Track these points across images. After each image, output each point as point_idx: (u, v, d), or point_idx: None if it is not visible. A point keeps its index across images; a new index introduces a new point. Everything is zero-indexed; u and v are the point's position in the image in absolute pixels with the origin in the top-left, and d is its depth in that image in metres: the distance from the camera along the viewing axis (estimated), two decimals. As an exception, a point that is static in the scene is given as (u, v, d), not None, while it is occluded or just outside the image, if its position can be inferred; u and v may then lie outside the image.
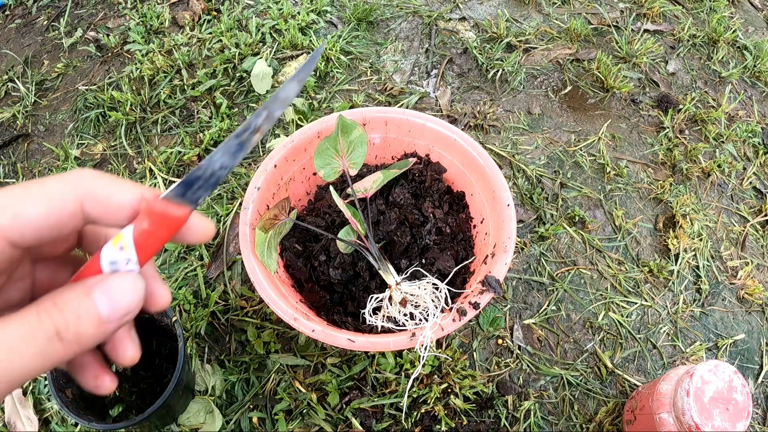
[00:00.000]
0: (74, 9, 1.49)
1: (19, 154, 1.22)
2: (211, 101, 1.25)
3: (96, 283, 0.24)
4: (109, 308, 0.24)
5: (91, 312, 0.24)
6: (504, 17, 1.44)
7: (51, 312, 0.23)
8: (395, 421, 0.87)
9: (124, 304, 0.24)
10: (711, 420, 0.68)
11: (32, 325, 0.23)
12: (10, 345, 0.22)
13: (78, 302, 0.24)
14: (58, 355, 0.23)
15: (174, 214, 0.27)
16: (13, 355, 0.22)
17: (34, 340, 0.22)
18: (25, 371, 0.22)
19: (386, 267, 0.78)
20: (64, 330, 0.23)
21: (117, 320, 0.24)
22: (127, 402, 0.86)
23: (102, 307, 0.24)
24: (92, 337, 0.24)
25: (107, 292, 0.24)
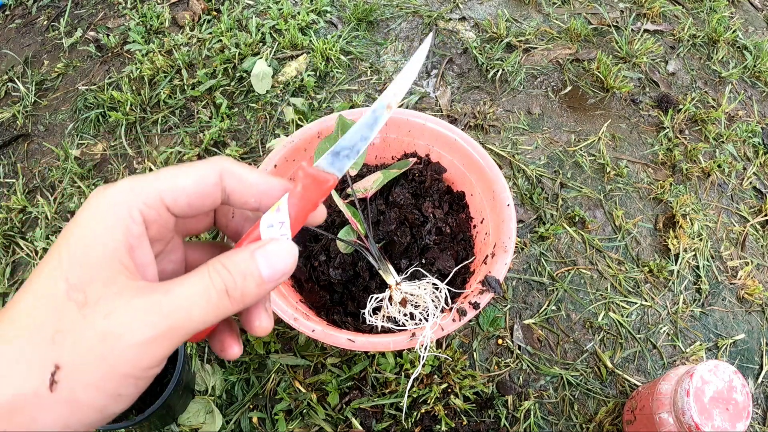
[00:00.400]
0: (74, 9, 1.49)
1: (19, 154, 1.22)
2: (211, 101, 1.26)
3: (258, 247, 0.28)
4: (268, 270, 0.28)
5: (254, 273, 0.27)
6: (504, 17, 1.44)
7: (221, 272, 0.27)
8: (395, 421, 0.87)
9: (280, 267, 0.28)
10: (711, 420, 0.68)
11: (206, 283, 0.26)
12: (189, 298, 0.26)
13: (244, 264, 0.27)
14: (226, 309, 0.27)
15: (324, 178, 0.31)
16: (192, 307, 0.26)
17: (208, 295, 0.26)
18: (200, 321, 0.26)
19: (386, 267, 0.78)
20: (232, 288, 0.27)
21: (274, 281, 0.28)
22: (127, 402, 0.86)
23: (263, 268, 0.28)
24: (254, 295, 0.28)
25: (267, 256, 0.28)
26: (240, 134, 1.21)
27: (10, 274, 1.04)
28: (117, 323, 0.24)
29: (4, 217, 1.10)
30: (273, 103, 1.25)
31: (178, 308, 0.25)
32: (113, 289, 0.25)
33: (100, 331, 0.24)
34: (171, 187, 0.28)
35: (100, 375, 0.24)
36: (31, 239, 1.06)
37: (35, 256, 1.04)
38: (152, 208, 0.27)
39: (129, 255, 0.26)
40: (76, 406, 0.23)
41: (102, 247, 0.25)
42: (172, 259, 0.32)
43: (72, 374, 0.23)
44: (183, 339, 0.26)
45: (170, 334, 0.25)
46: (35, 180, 1.17)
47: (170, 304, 0.25)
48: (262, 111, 1.24)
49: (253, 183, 0.31)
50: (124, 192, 0.27)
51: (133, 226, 0.26)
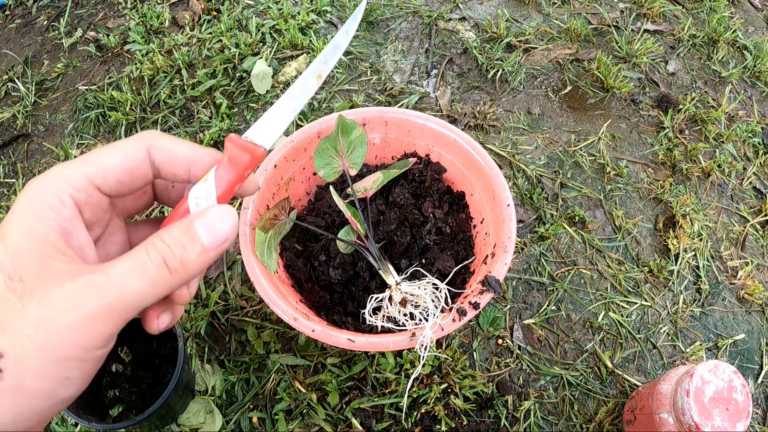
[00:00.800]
0: (74, 9, 1.49)
1: (19, 154, 1.22)
2: (211, 101, 1.26)
3: (196, 216, 0.28)
4: (209, 237, 0.27)
5: (194, 241, 0.27)
6: (504, 17, 1.44)
7: (157, 245, 0.27)
8: (395, 421, 0.87)
9: (222, 232, 0.28)
10: (711, 420, 0.68)
11: (142, 258, 0.26)
12: (123, 275, 0.25)
13: (181, 234, 0.27)
14: (167, 282, 0.26)
15: (251, 149, 0.31)
16: (127, 283, 0.25)
17: (144, 269, 0.26)
18: (139, 298, 0.26)
19: (386, 267, 0.78)
20: (170, 259, 0.26)
21: (216, 248, 0.28)
22: (127, 402, 0.86)
23: (203, 236, 0.27)
24: (196, 263, 0.27)
25: (206, 223, 0.28)
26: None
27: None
28: (49, 308, 0.24)
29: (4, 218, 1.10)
30: (273, 103, 1.25)
31: (113, 286, 0.25)
32: (47, 275, 0.25)
33: (34, 318, 0.24)
34: (98, 167, 0.28)
35: (42, 360, 0.24)
36: (31, 239, 1.06)
37: (35, 256, 1.04)
38: (81, 190, 0.28)
39: (63, 240, 0.26)
40: (23, 393, 0.23)
41: (34, 235, 0.25)
42: (114, 241, 0.33)
43: (16, 362, 0.23)
44: (125, 316, 0.25)
45: (106, 312, 0.24)
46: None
47: (104, 283, 0.25)
48: (262, 111, 1.24)
49: (180, 154, 0.30)
50: (52, 179, 0.27)
51: (64, 210, 0.27)
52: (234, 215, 0.28)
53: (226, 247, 0.28)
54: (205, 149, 0.31)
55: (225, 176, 0.30)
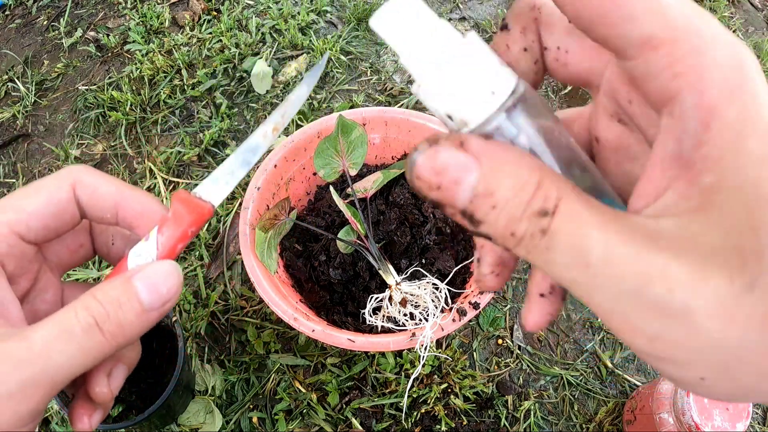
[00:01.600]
0: (74, 9, 1.49)
1: (19, 154, 1.22)
2: (211, 101, 1.26)
3: (135, 272, 0.24)
4: (150, 295, 0.24)
5: (132, 300, 0.23)
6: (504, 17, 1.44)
7: (89, 305, 0.23)
8: (395, 421, 0.87)
9: (165, 290, 0.24)
10: (711, 420, 0.68)
11: (70, 321, 0.22)
12: (47, 342, 0.22)
13: (118, 291, 0.23)
14: (101, 348, 0.23)
15: (199, 205, 0.28)
16: (51, 353, 0.21)
17: (71, 336, 0.22)
18: (65, 369, 0.22)
19: (386, 267, 0.78)
20: (103, 320, 0.23)
21: (159, 308, 0.24)
22: (127, 402, 0.86)
23: (143, 294, 0.24)
24: (135, 326, 0.24)
25: (147, 279, 0.24)
26: (240, 134, 1.21)
27: (10, 274, 1.04)
28: None
29: (4, 217, 1.10)
30: (273, 103, 1.25)
31: (35, 356, 0.21)
32: None
33: None
34: (19, 213, 0.25)
35: None
36: (31, 239, 1.06)
37: (35, 256, 1.04)
38: (1, 241, 0.25)
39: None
40: None
41: None
42: (45, 299, 0.29)
43: None
44: (50, 392, 0.21)
45: (27, 389, 0.21)
46: (35, 180, 1.17)
47: (23, 353, 0.21)
48: (262, 111, 1.24)
49: (107, 194, 0.27)
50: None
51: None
52: (178, 272, 0.25)
53: (169, 308, 0.25)
54: (133, 190, 0.28)
55: (168, 233, 0.27)
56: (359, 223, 0.79)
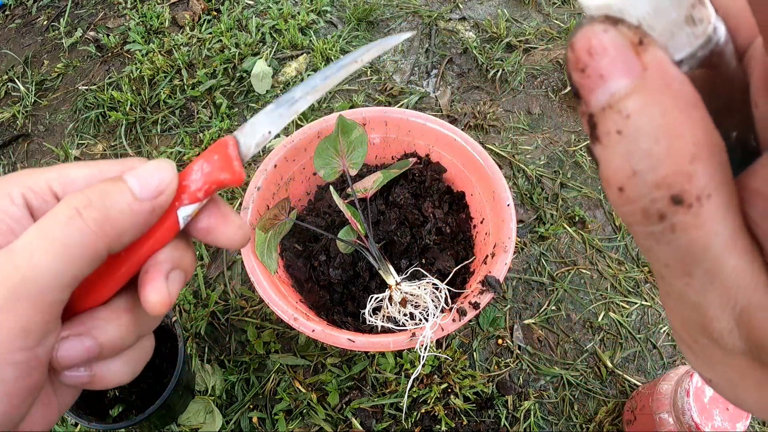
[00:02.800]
0: (74, 9, 1.49)
1: (19, 154, 1.22)
2: (211, 101, 1.26)
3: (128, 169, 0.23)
4: (141, 186, 0.22)
5: (121, 188, 0.22)
6: (504, 17, 1.44)
7: (72, 198, 0.21)
8: (395, 421, 0.87)
9: (157, 180, 0.22)
10: (711, 420, 0.68)
11: (51, 218, 0.20)
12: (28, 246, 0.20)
13: (105, 184, 0.22)
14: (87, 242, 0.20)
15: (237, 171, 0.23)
16: (32, 257, 0.20)
17: (52, 232, 0.20)
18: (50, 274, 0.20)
19: (386, 267, 0.78)
20: (84, 206, 0.21)
21: (151, 198, 0.22)
22: (127, 402, 0.86)
23: (133, 183, 0.22)
24: (126, 215, 0.21)
25: (137, 174, 0.22)
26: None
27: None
28: None
29: None
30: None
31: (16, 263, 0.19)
32: None
33: None
34: (60, 176, 0.24)
35: None
36: (31, 239, 1.06)
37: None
38: (37, 193, 0.23)
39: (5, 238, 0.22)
40: None
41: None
42: None
43: None
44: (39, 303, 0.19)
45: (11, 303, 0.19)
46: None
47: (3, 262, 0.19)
48: (262, 111, 1.24)
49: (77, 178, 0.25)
50: (10, 177, 0.23)
51: (11, 207, 0.22)
52: (171, 167, 0.22)
53: (163, 202, 0.22)
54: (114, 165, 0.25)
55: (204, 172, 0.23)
56: (359, 223, 0.79)
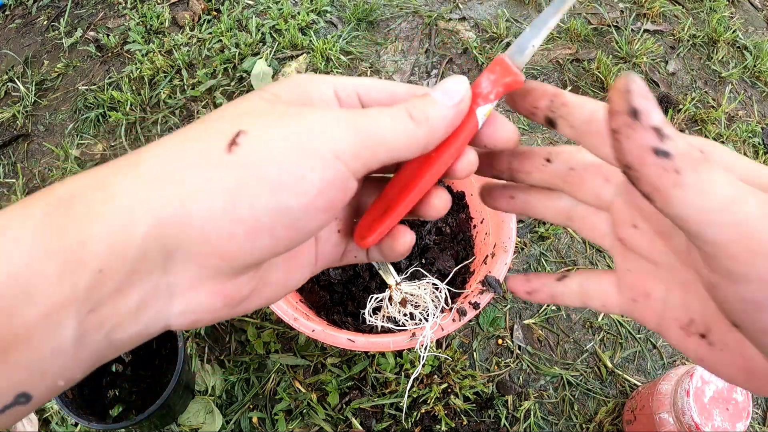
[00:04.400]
0: (74, 9, 1.49)
1: (19, 154, 1.22)
2: (211, 101, 1.26)
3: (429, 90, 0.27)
4: (446, 96, 0.26)
5: (431, 99, 0.26)
6: (504, 17, 1.44)
7: (400, 105, 0.26)
8: (395, 421, 0.87)
9: (457, 92, 0.26)
10: (711, 420, 0.68)
11: (389, 108, 0.25)
12: (374, 115, 0.24)
13: (419, 98, 0.26)
14: (413, 132, 0.25)
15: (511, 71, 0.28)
16: (380, 122, 0.24)
17: (392, 115, 0.24)
18: (389, 140, 0.24)
19: (386, 267, 0.78)
20: (413, 110, 0.25)
21: (455, 105, 0.26)
22: (127, 402, 0.86)
23: (440, 97, 0.26)
24: (439, 118, 0.26)
25: (440, 88, 0.27)
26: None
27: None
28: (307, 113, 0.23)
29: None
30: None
31: (367, 120, 0.24)
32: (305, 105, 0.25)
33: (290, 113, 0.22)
34: (368, 85, 0.27)
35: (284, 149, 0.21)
36: (31, 239, 1.06)
37: (35, 256, 1.04)
38: (344, 91, 0.27)
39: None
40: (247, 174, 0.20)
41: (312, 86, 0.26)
42: None
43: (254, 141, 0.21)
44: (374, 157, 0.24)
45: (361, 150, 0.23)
46: (35, 180, 1.17)
47: (355, 116, 0.24)
48: (262, 111, 1.24)
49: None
50: (317, 77, 0.26)
51: (327, 93, 0.26)
52: (465, 80, 0.27)
53: (465, 107, 0.27)
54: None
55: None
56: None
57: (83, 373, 0.20)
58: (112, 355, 0.21)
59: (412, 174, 0.28)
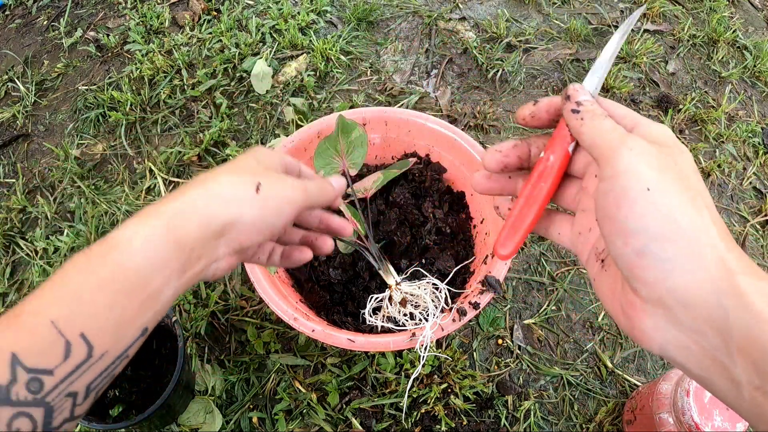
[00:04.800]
0: (74, 9, 1.49)
1: (19, 154, 1.22)
2: (211, 101, 1.26)
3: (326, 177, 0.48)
4: (337, 184, 0.47)
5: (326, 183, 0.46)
6: (504, 17, 1.44)
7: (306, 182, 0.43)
8: (395, 421, 0.87)
9: (343, 184, 0.49)
10: (711, 420, 0.68)
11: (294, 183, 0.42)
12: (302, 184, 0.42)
13: (321, 181, 0.46)
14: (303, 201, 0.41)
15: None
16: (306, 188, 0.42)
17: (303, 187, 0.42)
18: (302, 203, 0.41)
19: (386, 267, 0.78)
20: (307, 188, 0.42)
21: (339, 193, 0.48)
22: (127, 402, 0.86)
23: (334, 182, 0.47)
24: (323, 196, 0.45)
25: (334, 181, 0.48)
26: (240, 134, 1.21)
27: (10, 274, 1.04)
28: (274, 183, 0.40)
29: (4, 217, 1.10)
30: (273, 103, 1.25)
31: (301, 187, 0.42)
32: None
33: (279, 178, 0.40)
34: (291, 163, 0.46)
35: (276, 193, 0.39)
36: (31, 239, 1.06)
37: (35, 255, 1.04)
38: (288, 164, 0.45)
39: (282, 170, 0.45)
40: (265, 204, 0.38)
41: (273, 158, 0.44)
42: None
43: (266, 189, 0.38)
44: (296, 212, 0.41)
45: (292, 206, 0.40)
46: (35, 180, 1.17)
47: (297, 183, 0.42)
48: (262, 111, 1.24)
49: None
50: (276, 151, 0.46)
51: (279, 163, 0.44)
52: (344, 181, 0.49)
53: (340, 194, 0.48)
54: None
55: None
56: (359, 223, 0.79)
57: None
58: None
59: (534, 198, 0.36)
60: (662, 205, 0.27)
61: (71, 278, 0.31)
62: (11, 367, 0.28)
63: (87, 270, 0.31)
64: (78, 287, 0.31)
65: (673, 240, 0.27)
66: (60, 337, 0.29)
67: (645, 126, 0.31)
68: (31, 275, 1.02)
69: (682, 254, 0.26)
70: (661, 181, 0.27)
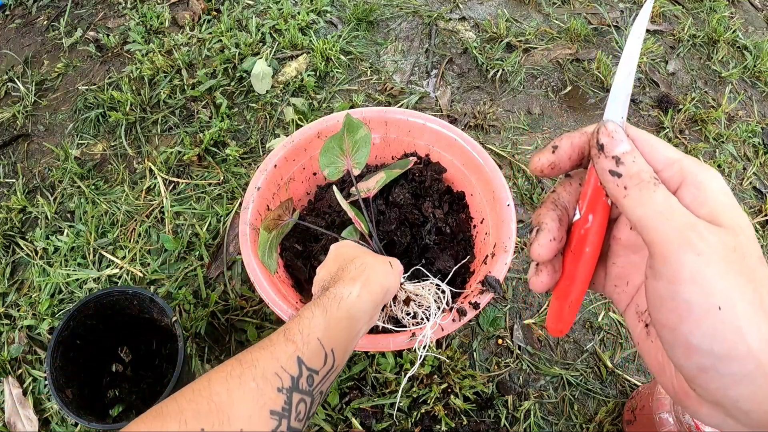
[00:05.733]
0: (74, 9, 1.49)
1: (19, 154, 1.22)
2: (211, 101, 1.26)
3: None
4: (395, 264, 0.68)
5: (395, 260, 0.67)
6: (504, 17, 1.44)
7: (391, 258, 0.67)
8: (395, 421, 0.87)
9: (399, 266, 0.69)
10: (711, 420, 0.68)
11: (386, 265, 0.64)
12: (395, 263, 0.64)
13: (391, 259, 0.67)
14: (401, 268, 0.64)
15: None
16: (398, 266, 0.64)
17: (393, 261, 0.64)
18: (402, 270, 0.64)
19: (386, 267, 0.78)
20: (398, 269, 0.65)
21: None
22: (127, 402, 0.86)
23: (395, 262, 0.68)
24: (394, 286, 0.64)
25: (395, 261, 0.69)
26: (240, 134, 1.21)
27: (10, 274, 1.04)
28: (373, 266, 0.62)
29: (4, 217, 1.10)
30: (273, 103, 1.25)
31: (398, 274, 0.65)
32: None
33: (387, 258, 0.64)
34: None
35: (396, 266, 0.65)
36: (31, 239, 1.06)
37: (35, 255, 1.04)
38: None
39: None
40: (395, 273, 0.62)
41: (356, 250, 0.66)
42: None
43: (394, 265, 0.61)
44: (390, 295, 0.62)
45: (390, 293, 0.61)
46: (35, 180, 1.17)
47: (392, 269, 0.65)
48: (262, 111, 1.24)
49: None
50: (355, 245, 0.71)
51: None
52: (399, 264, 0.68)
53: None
54: None
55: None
56: (363, 222, 0.79)
57: None
58: None
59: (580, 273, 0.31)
60: (731, 324, 0.24)
61: (317, 315, 0.49)
62: (299, 366, 0.43)
63: (329, 312, 0.50)
64: (327, 322, 0.48)
65: (739, 360, 0.24)
66: (322, 349, 0.46)
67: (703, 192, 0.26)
68: (31, 275, 1.02)
69: (748, 371, 0.24)
70: (731, 291, 0.24)
